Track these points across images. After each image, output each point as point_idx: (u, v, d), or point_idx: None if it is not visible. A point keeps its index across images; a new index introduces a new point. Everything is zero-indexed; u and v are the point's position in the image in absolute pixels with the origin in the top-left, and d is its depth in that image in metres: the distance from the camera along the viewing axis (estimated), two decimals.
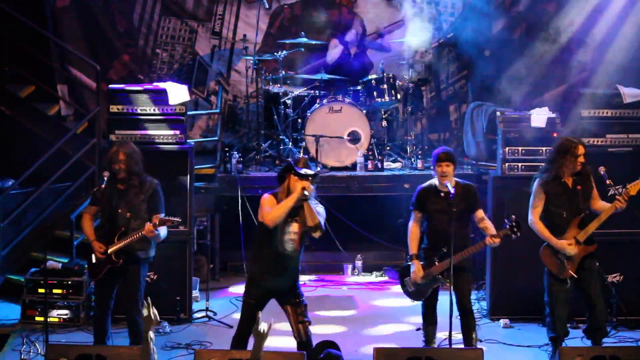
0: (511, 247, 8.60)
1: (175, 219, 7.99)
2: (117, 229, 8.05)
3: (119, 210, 8.06)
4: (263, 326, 6.21)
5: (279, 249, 7.41)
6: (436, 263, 8.03)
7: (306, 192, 7.26)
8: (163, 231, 8.10)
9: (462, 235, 8.01)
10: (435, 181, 8.17)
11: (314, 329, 7.71)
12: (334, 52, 12.07)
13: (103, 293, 8.20)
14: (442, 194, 8.06)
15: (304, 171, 7.37)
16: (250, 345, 7.25)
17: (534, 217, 8.12)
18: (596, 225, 7.98)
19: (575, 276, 7.98)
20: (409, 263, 8.19)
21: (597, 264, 8.14)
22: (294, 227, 7.42)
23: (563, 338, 8.13)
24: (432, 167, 8.27)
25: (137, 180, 8.11)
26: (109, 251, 8.00)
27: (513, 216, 7.99)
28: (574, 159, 8.02)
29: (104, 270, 8.04)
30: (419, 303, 8.39)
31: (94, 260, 8.12)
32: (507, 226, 7.90)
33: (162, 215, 8.08)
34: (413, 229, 8.19)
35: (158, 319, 6.54)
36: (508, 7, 12.20)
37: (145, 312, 6.50)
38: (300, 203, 7.32)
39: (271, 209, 7.32)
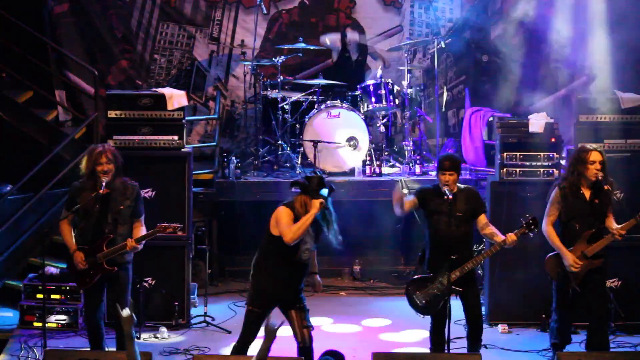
0: (509, 253, 8.56)
1: (165, 225, 7.86)
2: (104, 236, 7.90)
3: (105, 217, 7.91)
4: (275, 322, 6.16)
5: (295, 259, 7.43)
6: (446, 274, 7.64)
7: (324, 206, 7.41)
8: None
9: (468, 240, 7.89)
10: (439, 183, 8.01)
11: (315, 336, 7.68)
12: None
13: (95, 300, 8.07)
14: (445, 197, 7.91)
15: (321, 192, 7.44)
16: (250, 352, 7.26)
17: (547, 225, 8.01)
18: (606, 243, 7.91)
19: (579, 290, 7.93)
20: (416, 277, 7.96)
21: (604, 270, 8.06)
22: (308, 237, 7.46)
23: (565, 345, 8.12)
24: (435, 173, 8.14)
25: (122, 184, 7.99)
26: (99, 255, 7.82)
27: (528, 215, 7.84)
28: (588, 166, 7.89)
29: (96, 277, 7.92)
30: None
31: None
32: (524, 224, 7.74)
33: (143, 230, 7.98)
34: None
35: (135, 319, 6.42)
36: (506, 13, 12.22)
37: (125, 312, 6.34)
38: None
39: (290, 228, 7.33)
